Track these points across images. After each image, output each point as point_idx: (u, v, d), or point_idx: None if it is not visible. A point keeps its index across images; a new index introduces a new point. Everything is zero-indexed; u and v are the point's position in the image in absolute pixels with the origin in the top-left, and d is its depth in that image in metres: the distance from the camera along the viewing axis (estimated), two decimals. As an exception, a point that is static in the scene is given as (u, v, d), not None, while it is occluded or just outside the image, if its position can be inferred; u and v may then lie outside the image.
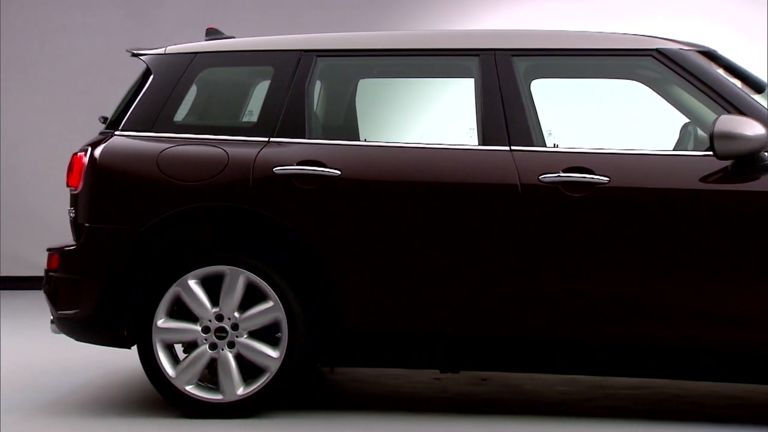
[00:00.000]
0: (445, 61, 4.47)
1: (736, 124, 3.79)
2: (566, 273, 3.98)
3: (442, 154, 4.14)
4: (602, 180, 3.97)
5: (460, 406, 4.47)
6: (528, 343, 4.02)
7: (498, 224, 4.02)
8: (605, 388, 4.70)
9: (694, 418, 4.21)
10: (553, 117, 4.79)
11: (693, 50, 4.14)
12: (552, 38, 4.28)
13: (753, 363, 3.87)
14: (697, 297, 3.89)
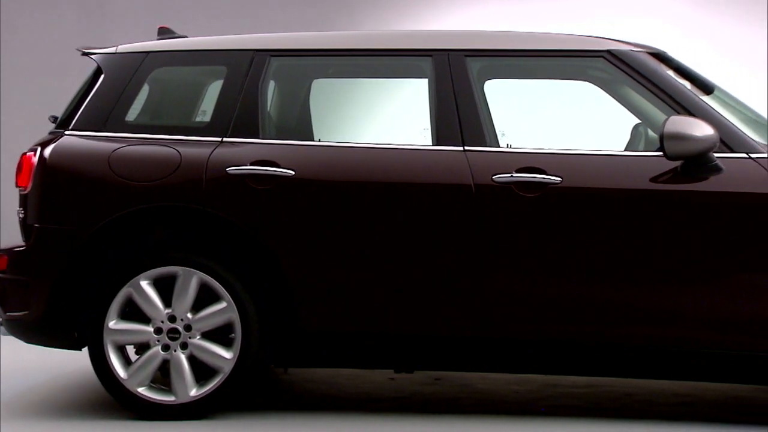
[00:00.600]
0: (398, 62, 4.48)
1: (685, 125, 3.84)
2: (519, 273, 4.00)
3: (395, 154, 4.15)
4: (554, 180, 4.00)
5: (414, 405, 4.48)
6: (481, 342, 4.04)
7: (452, 224, 4.04)
8: (557, 387, 4.74)
9: (643, 415, 4.26)
10: (506, 117, 4.81)
11: (643, 52, 4.18)
12: (505, 39, 4.31)
13: (702, 361, 3.92)
14: (647, 296, 3.93)
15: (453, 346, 4.07)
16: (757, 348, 3.86)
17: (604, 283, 3.96)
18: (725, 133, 3.95)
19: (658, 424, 4.08)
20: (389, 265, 4.07)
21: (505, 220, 4.01)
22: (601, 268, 3.96)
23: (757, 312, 3.84)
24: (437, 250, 4.04)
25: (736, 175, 3.89)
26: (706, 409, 4.38)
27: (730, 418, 4.19)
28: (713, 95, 4.28)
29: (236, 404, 4.30)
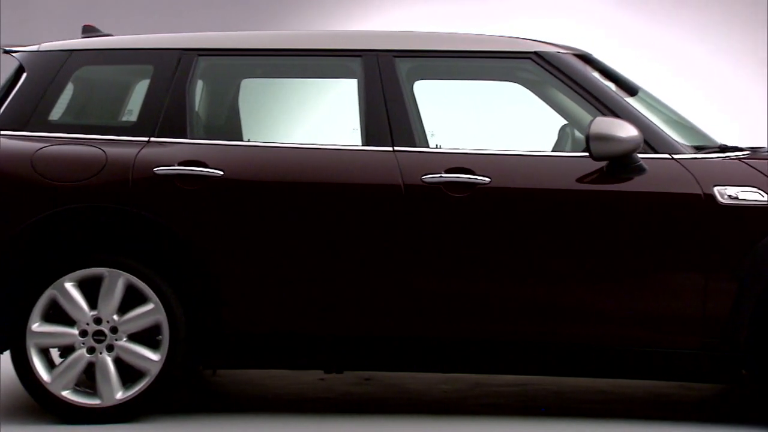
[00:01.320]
0: (328, 62, 4.47)
1: (610, 126, 3.89)
2: (449, 273, 4.02)
3: (325, 155, 4.14)
4: (483, 180, 4.03)
5: (344, 405, 4.47)
6: (411, 342, 4.05)
7: (381, 224, 4.04)
8: (486, 386, 4.77)
9: (571, 413, 4.31)
10: (435, 118, 4.84)
11: (570, 53, 4.23)
12: (434, 40, 4.33)
13: (628, 359, 3.98)
14: (574, 295, 3.98)
15: (383, 346, 4.07)
16: (680, 345, 3.93)
17: (533, 283, 4.00)
18: (649, 134, 4.01)
19: (585, 422, 4.13)
20: (318, 265, 4.06)
21: (434, 220, 4.03)
22: (529, 268, 4.00)
23: (680, 310, 3.91)
24: (366, 250, 4.04)
25: (659, 176, 3.95)
26: (632, 406, 4.45)
27: (655, 415, 4.27)
28: (637, 97, 4.35)
29: (164, 407, 4.25)
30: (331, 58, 4.37)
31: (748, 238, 3.86)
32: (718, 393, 4.68)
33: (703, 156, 4.01)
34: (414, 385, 4.81)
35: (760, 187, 3.89)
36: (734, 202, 3.89)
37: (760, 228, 3.85)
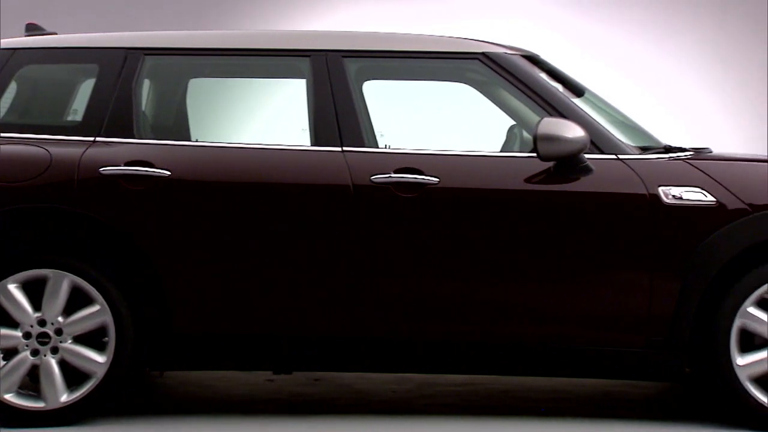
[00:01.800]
0: (276, 62, 4.46)
1: (557, 126, 3.92)
2: (398, 273, 4.03)
3: (274, 155, 4.13)
4: (432, 180, 4.04)
5: (294, 406, 4.46)
6: (360, 342, 4.05)
7: (330, 225, 4.03)
8: (435, 386, 4.79)
9: (519, 412, 4.34)
10: (385, 118, 4.84)
11: (517, 54, 4.26)
12: (382, 40, 4.33)
13: (576, 358, 4.01)
14: (523, 294, 4.00)
15: (332, 347, 4.06)
16: (626, 344, 3.97)
17: (481, 283, 4.02)
18: (595, 134, 4.05)
19: (535, 421, 4.16)
20: (266, 266, 4.04)
21: (383, 221, 4.03)
22: (477, 268, 4.01)
23: (626, 309, 3.95)
24: (315, 250, 4.03)
25: (605, 176, 3.99)
26: (581, 404, 4.49)
27: (603, 413, 4.30)
28: (584, 98, 4.39)
29: (110, 409, 4.20)
30: (280, 58, 4.35)
31: (692, 237, 3.91)
32: (663, 391, 4.74)
33: (648, 156, 4.06)
34: (363, 386, 4.81)
35: (704, 187, 3.94)
36: (678, 202, 3.94)
37: (703, 228, 3.91)
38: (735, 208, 3.90)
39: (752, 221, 3.88)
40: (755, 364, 3.89)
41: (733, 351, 3.89)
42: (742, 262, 3.90)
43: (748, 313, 3.88)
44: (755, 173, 4.04)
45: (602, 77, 7.45)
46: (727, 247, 3.88)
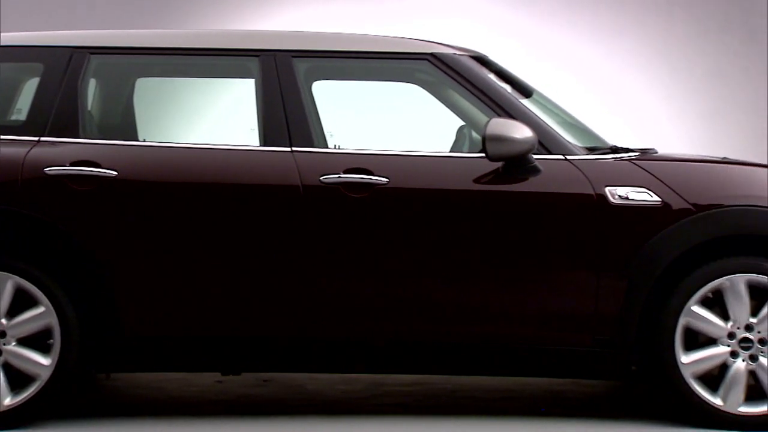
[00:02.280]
0: (225, 62, 4.43)
1: (506, 127, 3.95)
2: (347, 273, 4.02)
3: (222, 155, 4.11)
4: (381, 181, 4.04)
5: (242, 408, 4.44)
6: (310, 343, 4.04)
7: (279, 225, 4.02)
8: (384, 386, 4.79)
9: (467, 411, 4.36)
10: (334, 118, 4.83)
11: (466, 55, 4.28)
12: (332, 40, 4.33)
13: (524, 357, 4.04)
14: (471, 294, 4.02)
15: (281, 348, 4.05)
16: (573, 343, 4.00)
17: (430, 283, 4.03)
18: (543, 135, 4.08)
19: (482, 420, 4.18)
20: (215, 267, 4.02)
21: (332, 221, 4.03)
22: (426, 268, 4.03)
23: (573, 308, 3.99)
24: (264, 251, 4.02)
25: (552, 176, 4.02)
26: (527, 403, 4.52)
27: (550, 412, 4.34)
28: (532, 98, 4.42)
29: (55, 412, 4.15)
30: (228, 58, 4.33)
31: (638, 237, 3.95)
32: (610, 389, 4.79)
33: (595, 157, 4.10)
34: (313, 386, 4.80)
35: (649, 187, 3.99)
36: (625, 202, 3.98)
37: (649, 227, 3.95)
38: (679, 208, 3.95)
39: (696, 221, 3.94)
40: (699, 361, 3.94)
41: (677, 349, 3.94)
42: (687, 261, 3.95)
43: (693, 312, 3.94)
44: (699, 173, 4.10)
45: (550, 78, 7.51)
46: (672, 247, 3.93)
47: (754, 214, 3.93)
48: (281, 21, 8.43)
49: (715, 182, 4.03)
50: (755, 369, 3.91)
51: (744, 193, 3.97)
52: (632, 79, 8.58)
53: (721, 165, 4.18)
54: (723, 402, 3.93)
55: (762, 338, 3.91)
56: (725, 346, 3.93)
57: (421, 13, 8.57)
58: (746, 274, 3.91)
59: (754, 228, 3.93)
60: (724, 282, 3.92)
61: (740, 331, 3.92)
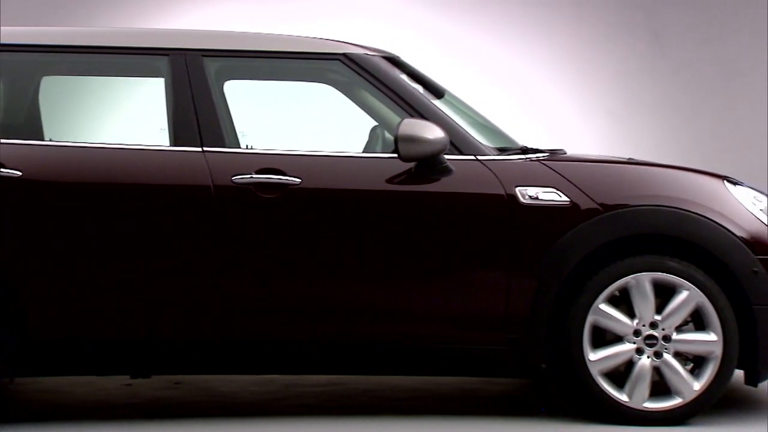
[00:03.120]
0: (133, 60, 4.36)
1: (418, 127, 3.97)
2: (260, 274, 4.00)
3: (131, 155, 4.05)
4: (294, 181, 4.03)
5: (153, 411, 4.38)
6: (222, 344, 4.01)
7: (190, 226, 3.98)
8: (298, 387, 4.78)
9: (382, 411, 4.37)
10: (247, 118, 4.80)
11: (378, 56, 4.29)
12: (243, 40, 4.30)
13: (437, 356, 4.06)
14: (383, 294, 4.03)
15: (192, 349, 4.01)
16: (485, 342, 4.04)
17: (343, 283, 4.03)
18: (455, 136, 4.11)
19: (395, 419, 4.20)
20: (124, 268, 3.96)
21: (245, 222, 4.00)
22: (339, 268, 4.03)
23: (484, 308, 4.02)
24: (175, 252, 3.97)
25: (464, 177, 4.06)
26: (440, 402, 4.55)
27: (463, 411, 4.38)
28: (443, 99, 4.45)
29: (-41, 419, 4.04)
30: (137, 57, 4.27)
31: (548, 237, 4.01)
32: (520, 387, 4.85)
33: (505, 157, 4.15)
34: (225, 388, 4.76)
35: (558, 187, 4.05)
36: (535, 202, 4.04)
37: (558, 227, 4.01)
38: (587, 208, 4.02)
39: (604, 221, 4.01)
40: (606, 359, 4.02)
41: (585, 347, 4.01)
42: (595, 260, 4.03)
43: (600, 310, 4.01)
44: (607, 174, 4.17)
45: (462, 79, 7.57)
46: (580, 246, 3.99)
47: (658, 214, 4.02)
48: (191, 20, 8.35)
49: (622, 182, 4.11)
50: (659, 365, 4.01)
51: (649, 193, 4.06)
52: (542, 80, 8.71)
53: (628, 165, 4.27)
54: (629, 398, 4.01)
55: (666, 335, 4.00)
56: (631, 344, 4.02)
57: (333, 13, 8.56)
58: (651, 273, 4.00)
59: (658, 227, 4.02)
60: (630, 280, 4.01)
61: (645, 328, 4.01)
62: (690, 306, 4.00)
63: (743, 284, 3.99)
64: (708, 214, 4.02)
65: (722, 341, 3.99)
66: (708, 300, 3.99)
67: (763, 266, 3.99)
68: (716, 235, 4.00)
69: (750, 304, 3.99)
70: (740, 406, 4.35)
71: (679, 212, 4.01)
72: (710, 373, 4.00)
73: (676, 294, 4.00)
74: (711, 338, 4.00)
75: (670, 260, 4.01)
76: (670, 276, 4.00)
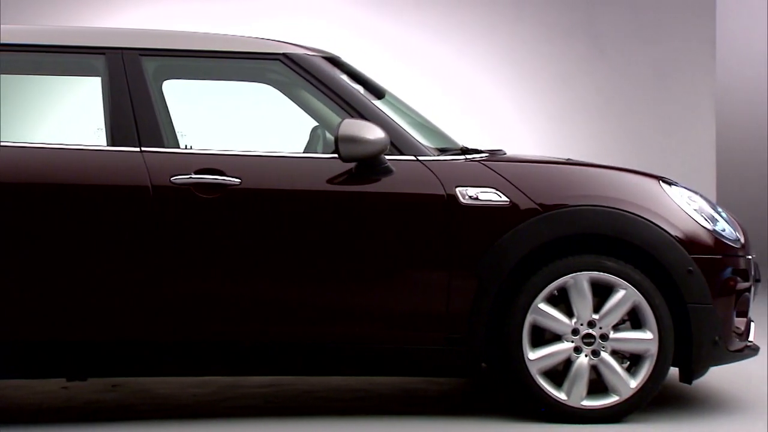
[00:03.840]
0: (70, 59, 4.30)
1: (358, 128, 3.97)
2: (199, 275, 3.97)
3: (68, 155, 4.00)
4: (234, 181, 4.00)
5: (90, 414, 4.32)
6: (159, 346, 3.97)
7: (129, 227, 3.94)
8: (237, 388, 4.75)
9: (323, 412, 4.36)
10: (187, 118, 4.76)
11: (318, 56, 4.28)
12: (181, 39, 4.26)
13: (378, 356, 4.07)
14: (326, 295, 4.03)
15: (130, 352, 3.97)
16: (426, 342, 4.05)
17: (284, 284, 4.01)
18: (395, 136, 4.12)
19: (336, 420, 4.19)
20: (61, 270, 3.90)
21: (184, 222, 3.97)
22: (280, 269, 4.01)
23: (426, 308, 4.04)
24: (113, 253, 3.93)
25: (404, 177, 4.07)
26: (381, 402, 4.56)
27: (404, 411, 4.38)
28: (384, 99, 4.46)
29: None
30: (73, 55, 4.21)
31: (487, 236, 4.04)
32: (461, 386, 4.88)
33: (445, 158, 4.16)
34: (164, 390, 4.72)
35: (498, 188, 4.08)
36: (474, 203, 4.06)
37: (497, 227, 4.04)
38: (527, 208, 4.06)
39: (543, 221, 4.05)
40: (545, 357, 4.05)
41: (525, 346, 4.04)
42: (534, 260, 4.06)
43: (539, 309, 4.05)
44: (546, 174, 4.21)
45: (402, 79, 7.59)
46: (519, 246, 4.03)
47: (596, 214, 4.07)
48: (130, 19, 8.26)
49: (560, 183, 4.15)
50: (597, 364, 4.05)
51: (587, 193, 4.10)
52: (482, 80, 8.77)
53: (566, 166, 4.31)
54: (567, 396, 4.05)
55: (604, 334, 4.05)
56: (569, 342, 4.06)
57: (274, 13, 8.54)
58: (589, 272, 4.04)
59: (596, 227, 4.06)
60: (569, 280, 4.05)
61: (583, 327, 4.05)
62: (627, 305, 4.05)
63: (678, 283, 4.05)
64: (644, 214, 4.07)
65: (658, 339, 4.05)
66: (644, 299, 4.04)
67: (698, 265, 4.05)
68: (652, 235, 4.05)
69: (685, 303, 4.05)
70: (675, 404, 4.42)
71: (616, 212, 4.06)
72: (646, 371, 4.06)
73: (613, 293, 4.05)
74: (647, 337, 4.06)
75: (608, 260, 4.06)
76: (607, 275, 4.04)
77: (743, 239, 4.26)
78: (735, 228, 4.28)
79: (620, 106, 8.84)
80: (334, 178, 4.06)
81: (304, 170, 4.09)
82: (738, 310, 4.19)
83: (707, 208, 4.24)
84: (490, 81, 8.74)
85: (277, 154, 4.13)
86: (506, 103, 8.74)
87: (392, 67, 8.30)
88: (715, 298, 4.06)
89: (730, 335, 4.13)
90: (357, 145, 3.96)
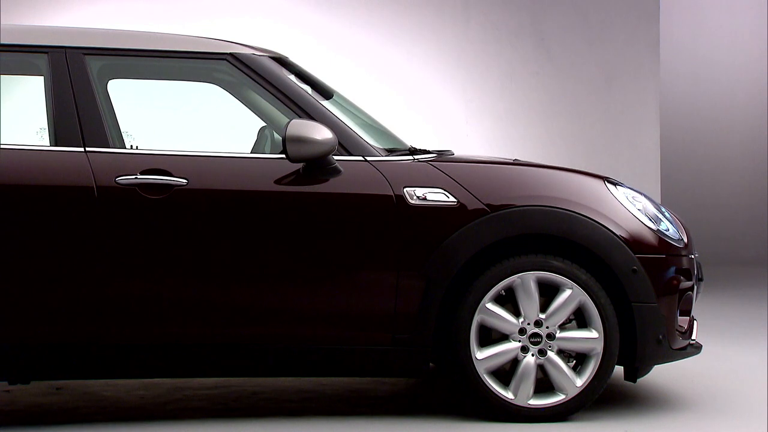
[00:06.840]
0: (11, 58, 4.23)
1: (306, 128, 3.96)
2: (145, 276, 3.94)
3: (10, 155, 3.94)
4: (180, 182, 3.97)
5: (34, 417, 4.26)
6: (104, 348, 3.93)
7: (72, 228, 3.89)
8: (184, 390, 4.71)
9: (270, 413, 4.34)
10: (133, 118, 4.72)
11: (266, 56, 4.26)
12: (127, 38, 4.22)
13: (325, 357, 4.06)
14: (273, 296, 4.01)
15: (74, 354, 3.92)
16: (374, 342, 4.06)
17: (230, 285, 3.99)
18: (343, 136, 4.11)
19: (283, 421, 4.18)
20: (3, 272, 3.84)
21: (129, 223, 3.93)
22: (226, 270, 3.99)
23: (373, 308, 4.04)
24: (57, 255, 3.87)
25: (352, 177, 4.07)
26: (329, 403, 4.55)
27: (352, 411, 4.38)
28: (332, 100, 4.46)
29: None
30: (15, 54, 4.14)
31: (435, 237, 4.05)
32: (409, 386, 4.89)
33: (393, 158, 4.17)
34: (110, 393, 4.66)
35: (446, 188, 4.10)
36: (422, 203, 4.07)
37: (445, 227, 4.05)
38: (474, 209, 4.08)
39: (490, 221, 4.07)
40: (492, 357, 4.08)
41: (472, 345, 4.06)
42: (481, 260, 4.08)
43: (487, 309, 4.07)
44: (493, 175, 4.23)
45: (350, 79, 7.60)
46: (467, 246, 4.04)
47: (542, 214, 4.10)
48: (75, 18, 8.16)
49: (507, 183, 4.17)
50: (544, 363, 4.08)
51: (534, 194, 4.13)
52: (430, 81, 8.80)
53: (513, 166, 4.33)
54: (514, 395, 4.08)
55: (550, 333, 4.08)
56: (516, 342, 4.08)
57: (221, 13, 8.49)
58: (536, 272, 4.07)
59: (543, 227, 4.09)
60: (516, 279, 4.07)
61: (530, 326, 4.08)
62: (573, 304, 4.09)
63: (623, 282, 4.10)
64: (590, 214, 4.11)
65: (603, 338, 4.09)
66: (590, 298, 4.08)
67: (642, 265, 4.10)
68: (597, 235, 4.10)
69: (629, 302, 4.10)
70: (620, 402, 4.47)
71: (562, 212, 4.09)
72: (592, 369, 4.10)
73: (560, 292, 4.09)
74: (593, 335, 4.10)
75: (554, 259, 4.09)
76: (554, 275, 4.08)
77: (686, 239, 4.32)
78: (678, 228, 4.34)
79: (566, 106, 8.92)
80: (282, 179, 4.04)
81: (251, 171, 4.07)
82: (681, 309, 4.25)
83: (651, 208, 4.29)
84: (437, 81, 8.77)
85: (225, 154, 4.10)
86: (454, 103, 8.78)
87: (340, 67, 8.29)
88: (659, 297, 4.11)
89: (673, 334, 4.19)
90: (305, 146, 3.95)
